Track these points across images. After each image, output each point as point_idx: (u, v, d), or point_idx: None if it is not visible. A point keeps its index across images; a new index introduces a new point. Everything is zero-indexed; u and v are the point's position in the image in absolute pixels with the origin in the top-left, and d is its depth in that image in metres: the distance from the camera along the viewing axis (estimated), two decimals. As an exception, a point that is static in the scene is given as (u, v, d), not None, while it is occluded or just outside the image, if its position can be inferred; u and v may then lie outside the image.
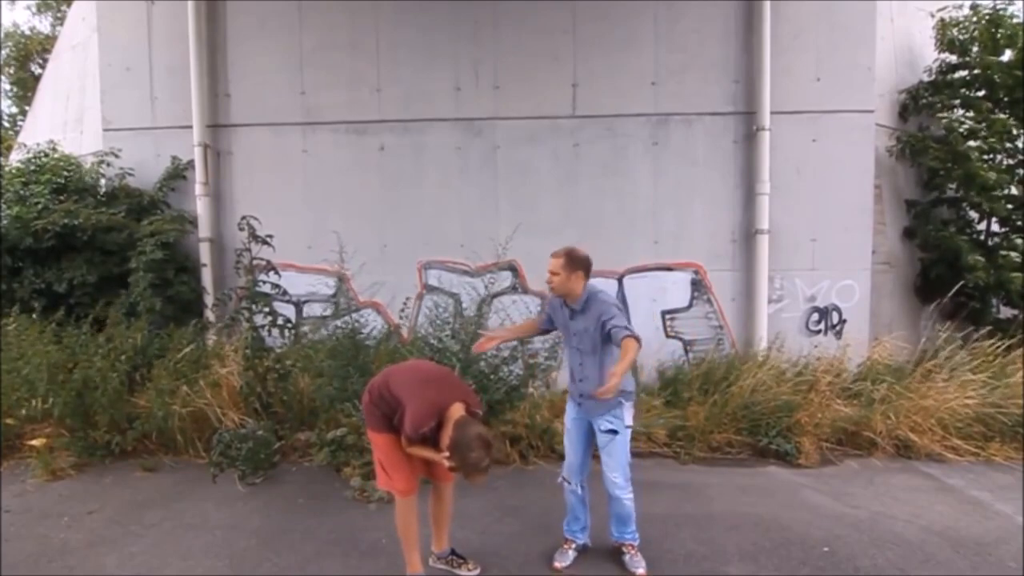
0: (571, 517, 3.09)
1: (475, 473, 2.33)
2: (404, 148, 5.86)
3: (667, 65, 5.71)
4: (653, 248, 5.73)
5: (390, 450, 2.66)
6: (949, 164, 6.12)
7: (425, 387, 2.57)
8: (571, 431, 3.03)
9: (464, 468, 2.32)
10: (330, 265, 5.29)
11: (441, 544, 2.96)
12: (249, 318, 4.54)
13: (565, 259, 2.85)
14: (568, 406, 3.08)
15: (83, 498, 3.83)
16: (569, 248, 2.90)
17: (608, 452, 2.88)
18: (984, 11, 6.40)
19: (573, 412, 3.03)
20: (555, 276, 2.86)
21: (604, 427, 2.88)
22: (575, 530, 3.09)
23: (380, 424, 2.66)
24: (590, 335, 2.85)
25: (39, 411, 4.39)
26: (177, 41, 5.82)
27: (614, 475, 2.88)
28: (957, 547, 3.22)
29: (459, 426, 2.37)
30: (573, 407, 3.03)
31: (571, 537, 3.09)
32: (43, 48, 14.10)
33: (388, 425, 2.63)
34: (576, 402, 3.00)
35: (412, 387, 2.57)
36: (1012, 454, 4.55)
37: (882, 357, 5.55)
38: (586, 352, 2.89)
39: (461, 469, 2.33)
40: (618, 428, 2.86)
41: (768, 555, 3.11)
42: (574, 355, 2.97)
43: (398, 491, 2.70)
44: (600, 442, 2.91)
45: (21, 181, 5.81)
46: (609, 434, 2.87)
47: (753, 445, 4.67)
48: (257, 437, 4.14)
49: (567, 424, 3.06)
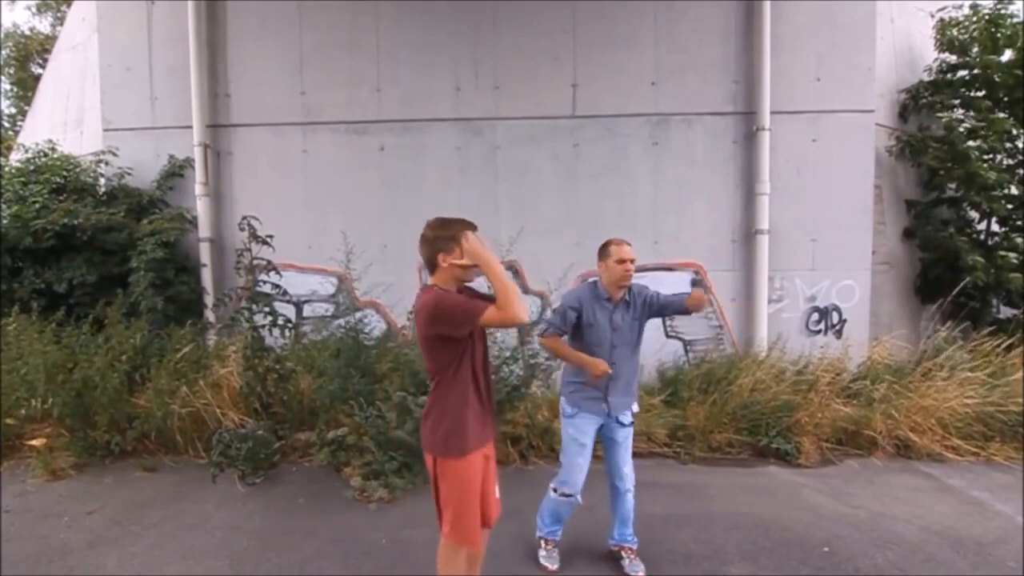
0: (553, 520, 3.03)
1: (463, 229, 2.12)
2: (404, 148, 5.86)
3: (667, 65, 5.72)
4: (653, 248, 5.73)
5: (474, 483, 2.19)
6: (949, 164, 6.12)
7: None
8: (587, 446, 2.83)
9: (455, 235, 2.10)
10: (332, 266, 5.29)
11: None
12: (249, 318, 4.54)
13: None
14: (579, 421, 2.84)
15: (83, 498, 3.83)
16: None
17: (626, 447, 2.89)
18: (984, 11, 6.40)
19: (591, 425, 2.84)
20: (633, 264, 2.79)
21: (627, 420, 2.89)
22: (556, 529, 3.06)
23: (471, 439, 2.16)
24: (637, 325, 2.84)
25: (39, 411, 4.40)
26: (177, 41, 5.82)
27: (629, 469, 2.90)
28: (957, 547, 3.22)
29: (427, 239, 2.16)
30: (590, 419, 2.83)
31: (551, 537, 3.05)
32: (43, 48, 14.12)
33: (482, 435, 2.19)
34: (602, 409, 2.81)
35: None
36: (1012, 454, 4.55)
37: (882, 357, 5.56)
38: (625, 346, 2.84)
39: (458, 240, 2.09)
40: (633, 418, 2.92)
41: (768, 555, 3.11)
42: (606, 354, 2.78)
43: (469, 544, 2.23)
44: (619, 437, 2.88)
45: (21, 181, 5.81)
46: (629, 427, 2.90)
47: (753, 445, 4.67)
48: (257, 437, 4.14)
49: (581, 440, 2.83)
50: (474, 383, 2.20)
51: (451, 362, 2.14)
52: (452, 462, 2.16)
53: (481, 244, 2.12)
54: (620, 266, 2.78)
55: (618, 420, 2.88)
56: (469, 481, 2.19)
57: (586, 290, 2.89)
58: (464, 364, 2.16)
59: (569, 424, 2.90)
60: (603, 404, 2.82)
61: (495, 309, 2.03)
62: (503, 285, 2.03)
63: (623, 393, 2.86)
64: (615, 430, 2.88)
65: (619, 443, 2.88)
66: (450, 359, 2.14)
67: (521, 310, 2.01)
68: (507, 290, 2.02)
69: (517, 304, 2.01)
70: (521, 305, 2.02)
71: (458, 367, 2.15)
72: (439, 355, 2.15)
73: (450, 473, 2.18)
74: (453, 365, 2.15)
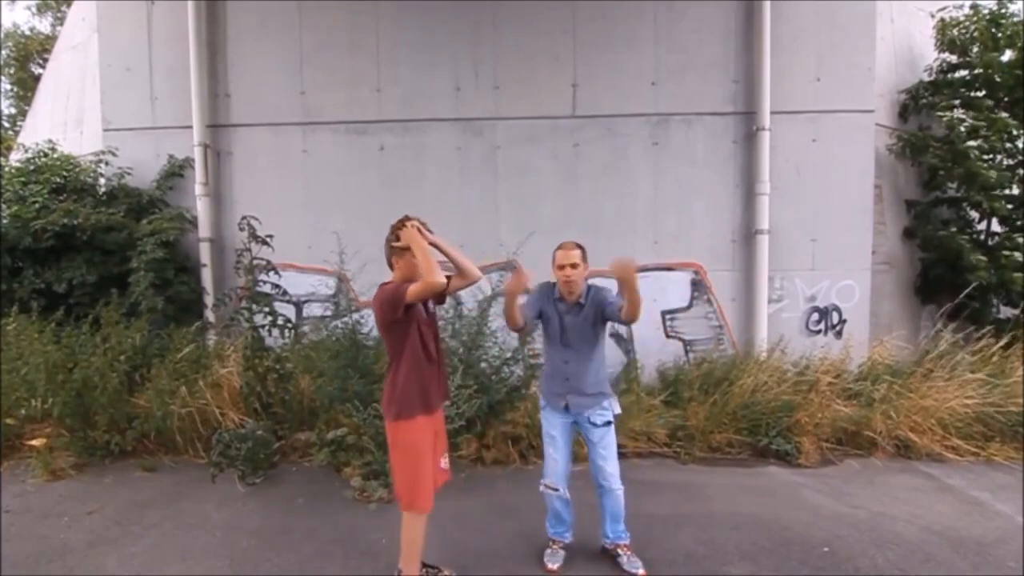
0: (556, 519, 3.05)
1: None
2: (404, 148, 5.86)
3: (667, 65, 5.72)
4: (653, 248, 5.73)
5: (422, 450, 2.54)
6: (949, 163, 6.12)
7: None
8: (556, 438, 2.94)
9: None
10: (330, 266, 5.29)
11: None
12: (249, 318, 4.54)
13: (582, 251, 2.84)
14: (548, 414, 2.99)
15: (83, 498, 3.83)
16: (574, 241, 2.89)
17: (604, 445, 2.89)
18: (984, 11, 6.40)
19: (557, 418, 2.95)
20: (575, 269, 2.81)
21: (599, 420, 2.88)
22: (561, 530, 3.07)
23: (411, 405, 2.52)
24: (589, 327, 2.86)
25: (39, 411, 4.40)
26: (177, 41, 5.82)
27: (611, 467, 2.88)
28: (957, 547, 3.22)
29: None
30: (556, 413, 2.95)
31: (558, 537, 3.07)
32: (43, 48, 14.12)
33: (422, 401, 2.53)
34: (561, 405, 2.91)
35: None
36: (1012, 454, 4.55)
37: (882, 357, 5.56)
38: (579, 347, 2.87)
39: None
40: (611, 418, 2.91)
41: (768, 555, 3.11)
42: (560, 353, 2.91)
43: (423, 510, 2.57)
44: (594, 437, 2.89)
45: (21, 181, 5.81)
46: (605, 427, 2.89)
47: (753, 445, 4.67)
48: (257, 437, 4.14)
49: (550, 432, 2.96)
50: (422, 357, 2.55)
51: (400, 342, 2.52)
52: (401, 424, 2.52)
53: (417, 230, 2.49)
54: (560, 272, 2.86)
55: (590, 420, 2.89)
56: (417, 444, 2.54)
57: (542, 289, 3.00)
58: (408, 344, 2.51)
59: (542, 415, 3.05)
60: (562, 400, 2.91)
61: (417, 282, 2.41)
62: (424, 259, 2.40)
63: (579, 393, 2.88)
64: (589, 430, 2.91)
65: (595, 443, 2.90)
66: (399, 340, 2.52)
67: (435, 276, 2.36)
68: (426, 261, 2.39)
69: (432, 272, 2.36)
70: (436, 272, 2.37)
71: (403, 346, 2.52)
72: (391, 338, 2.54)
73: (400, 437, 2.54)
74: (401, 344, 2.52)
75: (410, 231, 2.48)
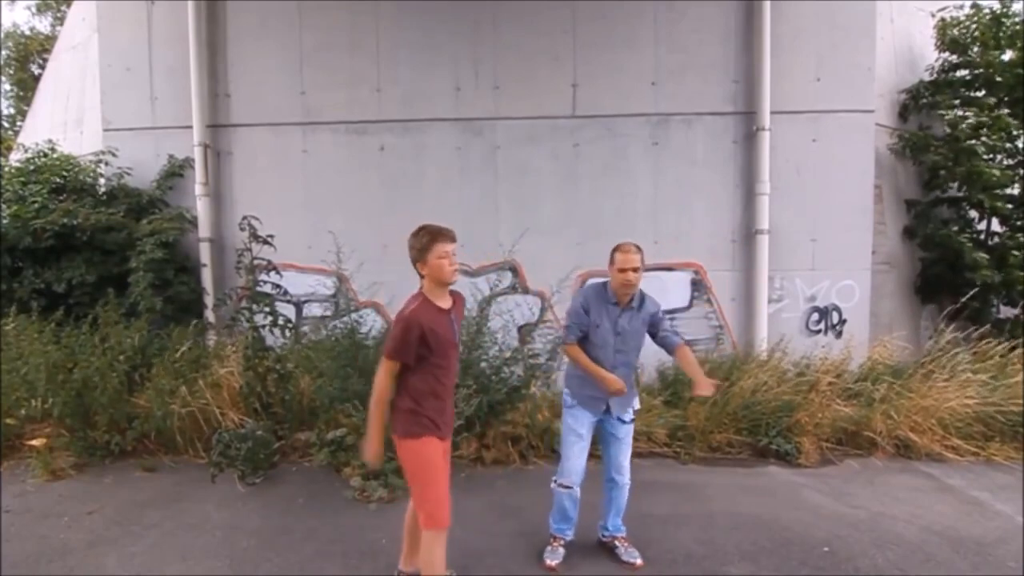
0: (561, 516, 3.06)
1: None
2: (404, 148, 5.86)
3: (667, 65, 5.71)
4: (653, 248, 5.70)
5: (437, 463, 2.40)
6: (951, 162, 6.12)
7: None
8: (583, 437, 2.92)
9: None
10: (329, 265, 5.28)
11: (415, 562, 2.64)
12: (250, 318, 4.54)
13: (641, 254, 2.85)
14: (578, 412, 2.94)
15: (83, 498, 3.82)
16: (634, 243, 2.90)
17: (627, 443, 2.98)
18: (985, 10, 6.40)
19: (588, 417, 2.92)
20: (636, 273, 2.81)
21: (628, 417, 2.97)
22: (565, 528, 3.08)
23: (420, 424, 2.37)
24: (638, 333, 2.91)
25: (39, 411, 4.40)
26: (177, 41, 5.82)
27: (627, 462, 2.98)
28: (957, 547, 3.22)
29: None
30: (588, 412, 2.92)
31: (560, 534, 3.08)
32: (43, 48, 14.12)
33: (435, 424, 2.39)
34: (602, 408, 2.90)
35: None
36: (1012, 454, 4.55)
37: (882, 357, 5.55)
38: (628, 350, 2.91)
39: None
40: (634, 415, 3.00)
41: (768, 555, 3.11)
42: (608, 355, 2.86)
43: (443, 524, 2.37)
44: (620, 433, 2.96)
45: (20, 181, 5.81)
46: (631, 424, 2.98)
47: (753, 445, 4.67)
48: (257, 437, 4.14)
49: (578, 431, 2.92)
50: (436, 383, 2.42)
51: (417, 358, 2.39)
52: (410, 442, 2.39)
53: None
54: (621, 275, 2.85)
55: (619, 418, 2.95)
56: (427, 457, 2.38)
57: (595, 290, 2.97)
58: (428, 361, 2.38)
59: (568, 414, 2.99)
60: (602, 403, 2.92)
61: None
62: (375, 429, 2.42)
63: (625, 394, 2.91)
64: (617, 427, 2.96)
65: (620, 439, 2.97)
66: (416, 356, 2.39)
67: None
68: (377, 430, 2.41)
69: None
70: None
71: (421, 362, 2.38)
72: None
73: (409, 454, 2.40)
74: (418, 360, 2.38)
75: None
